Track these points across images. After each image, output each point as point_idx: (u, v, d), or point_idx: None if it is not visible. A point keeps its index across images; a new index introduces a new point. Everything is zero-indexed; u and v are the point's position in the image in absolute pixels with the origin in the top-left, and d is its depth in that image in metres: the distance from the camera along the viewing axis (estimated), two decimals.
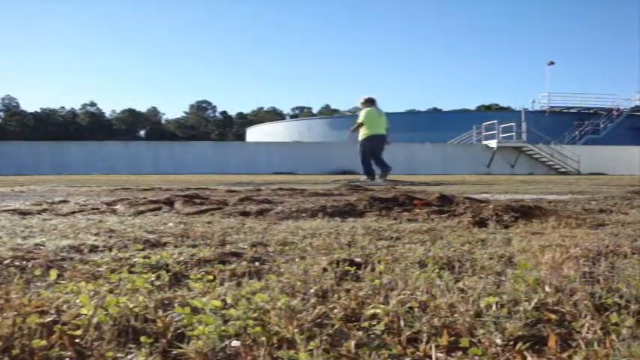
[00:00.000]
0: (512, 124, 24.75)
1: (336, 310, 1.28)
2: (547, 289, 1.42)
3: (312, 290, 1.45)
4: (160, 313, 1.24)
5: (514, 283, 1.48)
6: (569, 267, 1.71)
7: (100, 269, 1.71)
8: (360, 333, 1.13)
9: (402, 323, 1.19)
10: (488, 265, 1.80)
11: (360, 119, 11.06)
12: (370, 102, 11.07)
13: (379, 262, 1.83)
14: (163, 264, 1.78)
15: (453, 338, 1.12)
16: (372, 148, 10.80)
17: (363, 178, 10.69)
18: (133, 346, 1.08)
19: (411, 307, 1.29)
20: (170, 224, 2.91)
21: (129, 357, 1.04)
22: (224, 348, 1.06)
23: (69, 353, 1.04)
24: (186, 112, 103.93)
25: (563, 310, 1.29)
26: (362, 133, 10.89)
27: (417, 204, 3.91)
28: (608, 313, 1.25)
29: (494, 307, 1.27)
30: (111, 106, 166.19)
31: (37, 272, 1.63)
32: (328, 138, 34.47)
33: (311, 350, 1.04)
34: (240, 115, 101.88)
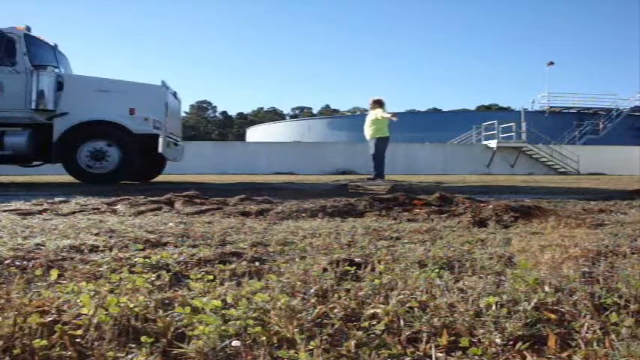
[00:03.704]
0: (512, 124, 24.74)
1: (336, 310, 1.28)
2: (547, 288, 1.43)
3: (312, 290, 1.45)
4: (161, 312, 1.24)
5: (514, 283, 1.48)
6: (569, 267, 1.71)
7: (100, 269, 1.71)
8: (360, 333, 1.14)
9: (401, 323, 1.19)
10: (488, 265, 1.80)
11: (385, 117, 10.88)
12: (380, 103, 11.01)
13: (379, 262, 1.83)
14: (164, 264, 1.79)
15: (452, 338, 1.12)
16: (385, 150, 10.80)
17: (372, 177, 10.64)
18: (134, 345, 1.08)
19: (410, 307, 1.29)
20: (170, 224, 2.91)
21: (129, 357, 1.04)
22: (224, 348, 1.06)
23: (69, 353, 1.05)
24: (186, 112, 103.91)
25: (562, 309, 1.29)
26: (378, 134, 10.76)
27: (417, 204, 3.91)
28: (607, 312, 1.25)
29: (493, 307, 1.27)
30: None
31: (38, 272, 1.63)
32: (328, 138, 34.45)
33: (311, 350, 1.05)
34: (240, 115, 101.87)
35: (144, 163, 9.33)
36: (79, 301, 1.27)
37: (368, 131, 10.74)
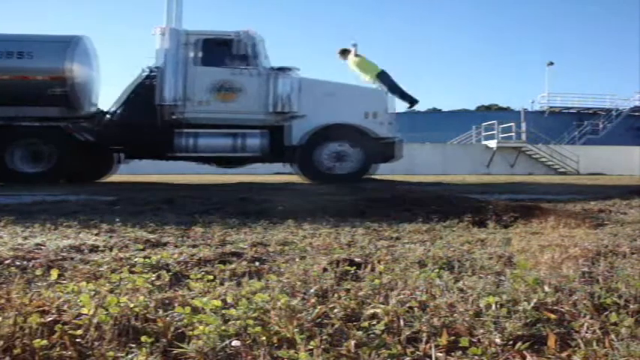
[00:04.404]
0: (512, 124, 24.72)
1: (336, 310, 1.28)
2: (546, 288, 1.43)
3: (312, 290, 1.45)
4: (161, 312, 1.25)
5: (513, 283, 1.48)
6: (569, 267, 1.71)
7: (100, 269, 1.71)
8: (360, 333, 1.14)
9: (401, 323, 1.19)
10: (488, 265, 1.80)
11: None
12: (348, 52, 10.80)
13: (379, 262, 1.83)
14: (164, 264, 1.79)
15: (452, 338, 1.12)
16: None
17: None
18: (134, 345, 1.08)
19: (410, 307, 1.29)
20: (170, 224, 2.91)
21: (129, 357, 1.04)
22: (224, 348, 1.06)
23: (70, 353, 1.05)
24: None
25: (562, 309, 1.29)
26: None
27: (417, 204, 3.91)
28: (607, 312, 1.26)
29: (493, 307, 1.27)
30: None
31: (38, 272, 1.64)
32: None
33: (311, 350, 1.05)
34: None
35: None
36: (79, 301, 1.27)
37: (365, 77, 10.43)
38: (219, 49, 8.60)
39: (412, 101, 9.93)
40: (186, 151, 8.58)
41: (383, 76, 9.80)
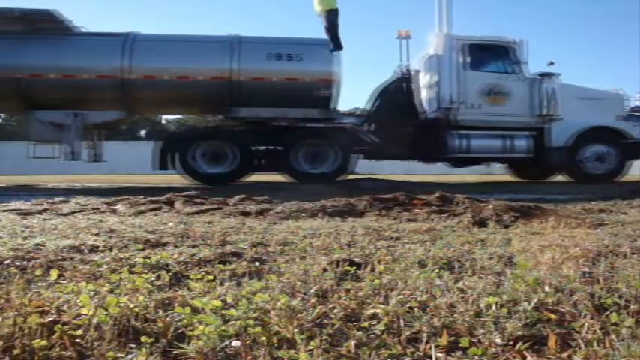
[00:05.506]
0: None
1: (336, 310, 1.28)
2: (547, 288, 1.43)
3: (312, 290, 1.45)
4: (161, 312, 1.24)
5: (514, 283, 1.48)
6: (569, 267, 1.71)
7: (100, 269, 1.71)
8: (360, 333, 1.14)
9: (401, 323, 1.19)
10: (488, 265, 1.80)
11: None
12: None
13: (379, 262, 1.83)
14: (163, 264, 1.79)
15: (452, 338, 1.12)
16: (337, 21, 10.70)
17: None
18: (134, 345, 1.08)
19: (410, 307, 1.29)
20: (170, 224, 2.91)
21: (129, 357, 1.04)
22: (224, 348, 1.06)
23: (69, 353, 1.05)
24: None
25: (562, 309, 1.29)
26: (327, 6, 10.62)
27: (416, 204, 3.91)
28: (607, 312, 1.25)
29: (493, 307, 1.27)
30: None
31: (38, 272, 1.63)
32: None
33: (311, 350, 1.05)
34: None
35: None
36: (79, 301, 1.27)
37: (317, 6, 10.33)
38: (487, 55, 9.27)
39: (338, 46, 9.61)
40: (459, 153, 9.09)
41: (332, 14, 9.59)
